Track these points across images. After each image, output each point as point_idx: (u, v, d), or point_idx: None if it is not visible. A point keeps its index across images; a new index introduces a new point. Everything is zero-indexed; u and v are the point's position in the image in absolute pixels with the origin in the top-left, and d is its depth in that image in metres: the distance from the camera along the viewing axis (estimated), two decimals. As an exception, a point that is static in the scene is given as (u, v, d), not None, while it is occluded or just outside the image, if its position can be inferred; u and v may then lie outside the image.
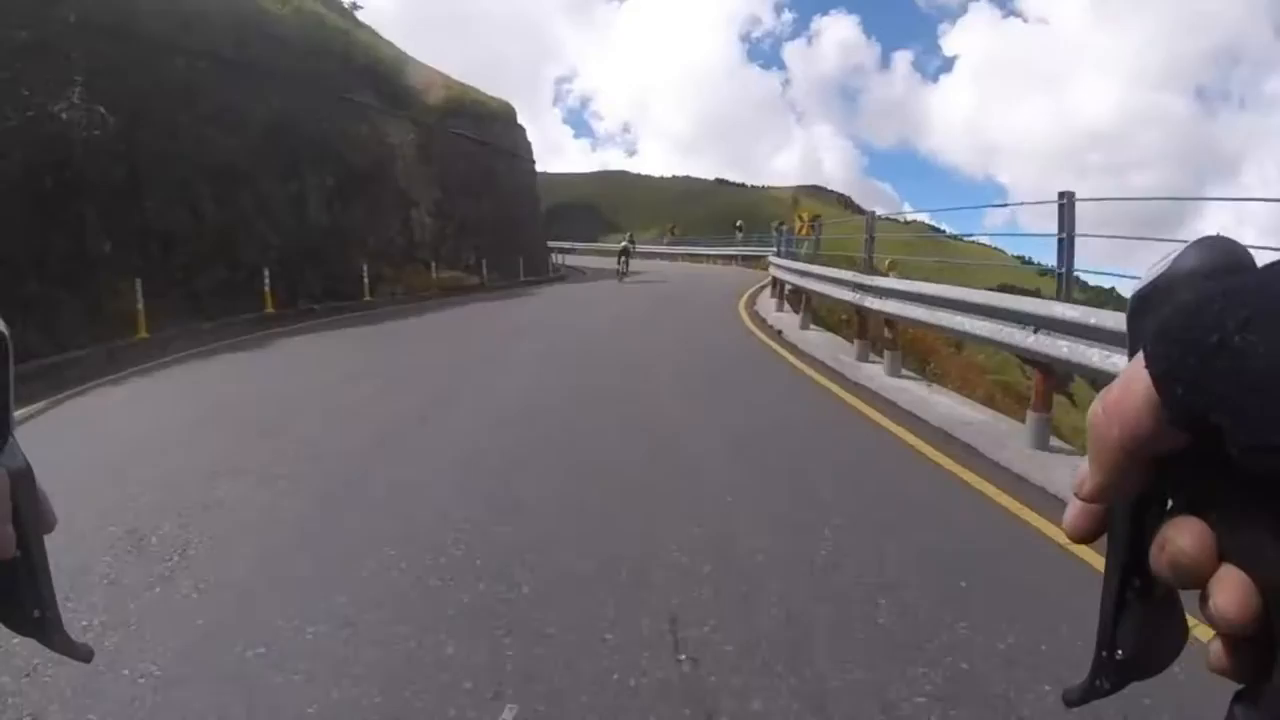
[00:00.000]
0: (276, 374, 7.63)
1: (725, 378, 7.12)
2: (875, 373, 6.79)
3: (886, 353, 6.89)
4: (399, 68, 19.69)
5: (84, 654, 0.35)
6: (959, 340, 8.71)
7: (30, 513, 0.31)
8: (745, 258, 27.40)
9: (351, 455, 4.32)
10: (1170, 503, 0.24)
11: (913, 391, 6.10)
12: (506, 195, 21.12)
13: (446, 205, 17.82)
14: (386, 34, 22.10)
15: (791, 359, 8.03)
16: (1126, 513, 0.25)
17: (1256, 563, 0.22)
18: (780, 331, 9.71)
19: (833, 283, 8.63)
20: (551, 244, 28.16)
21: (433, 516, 3.26)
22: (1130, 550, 0.25)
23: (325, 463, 4.17)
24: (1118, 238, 5.79)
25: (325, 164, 14.21)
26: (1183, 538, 0.23)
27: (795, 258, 12.94)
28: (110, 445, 4.76)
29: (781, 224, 18.22)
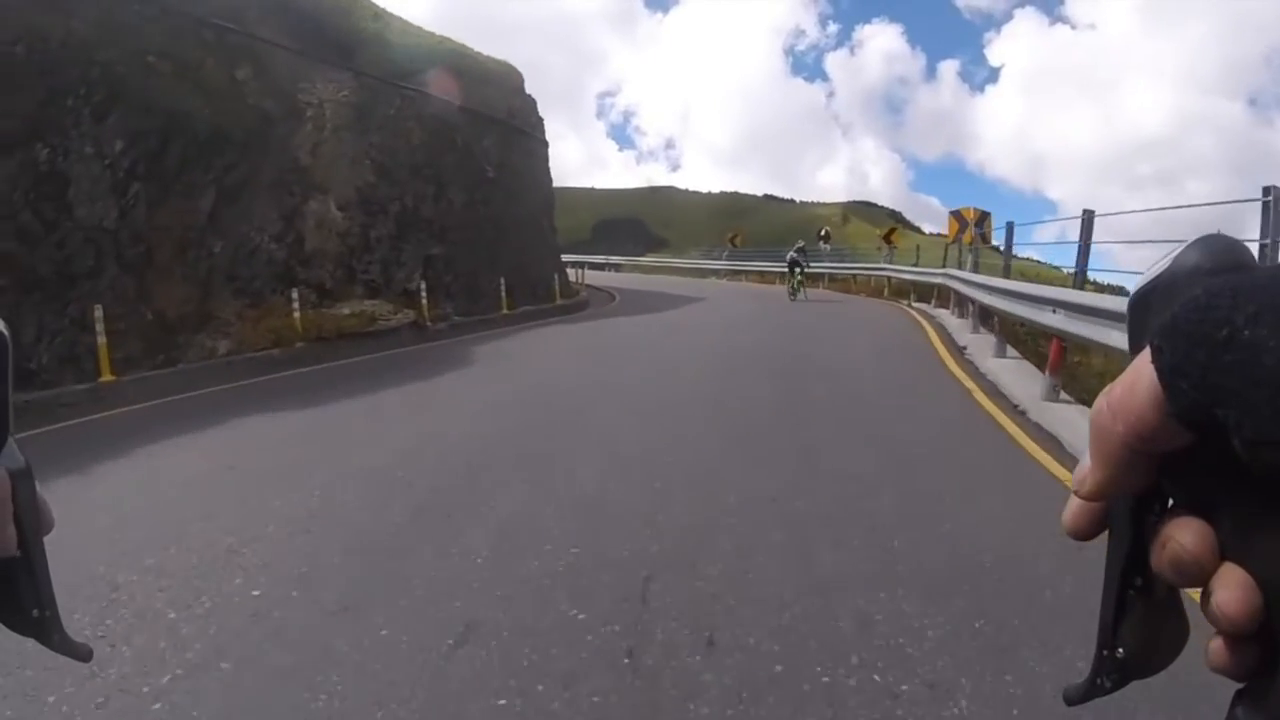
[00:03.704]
0: None
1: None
2: None
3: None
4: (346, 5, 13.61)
5: (83, 653, 0.34)
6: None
7: (30, 513, 0.30)
8: (833, 277, 21.64)
9: None
10: (1171, 501, 0.24)
11: None
12: (494, 184, 14.63)
13: (378, 194, 11.38)
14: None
15: None
16: (1127, 511, 0.25)
17: (1258, 561, 0.21)
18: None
19: None
20: (569, 258, 21.49)
21: None
22: (1131, 548, 0.25)
23: None
24: (1134, 242, 6.99)
25: (126, 120, 8.02)
26: (1184, 536, 0.22)
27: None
28: None
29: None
